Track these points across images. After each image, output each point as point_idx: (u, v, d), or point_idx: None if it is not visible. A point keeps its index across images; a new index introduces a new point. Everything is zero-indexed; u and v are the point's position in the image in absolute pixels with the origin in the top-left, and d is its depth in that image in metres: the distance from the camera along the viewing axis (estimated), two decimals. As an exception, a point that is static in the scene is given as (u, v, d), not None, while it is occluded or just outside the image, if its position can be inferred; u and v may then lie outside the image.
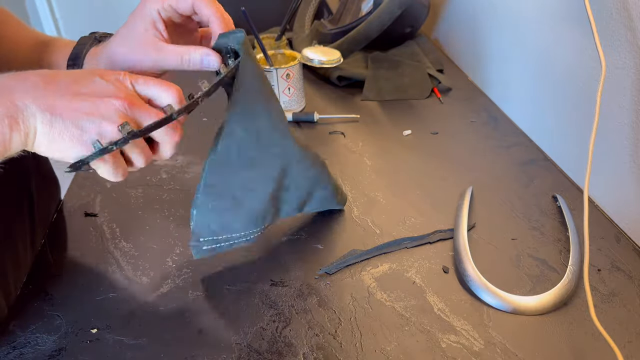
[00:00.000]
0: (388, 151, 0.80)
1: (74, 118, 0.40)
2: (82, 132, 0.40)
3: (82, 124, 0.40)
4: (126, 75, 0.44)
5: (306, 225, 0.65)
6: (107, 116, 0.41)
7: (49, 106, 0.39)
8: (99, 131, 0.41)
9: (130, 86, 0.44)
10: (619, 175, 0.62)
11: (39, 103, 0.39)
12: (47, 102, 0.39)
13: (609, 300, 0.53)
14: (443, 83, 0.99)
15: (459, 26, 1.11)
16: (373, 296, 0.54)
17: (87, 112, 0.40)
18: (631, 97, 0.59)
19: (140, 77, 0.44)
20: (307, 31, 1.19)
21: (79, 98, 0.40)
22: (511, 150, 0.79)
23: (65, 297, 0.55)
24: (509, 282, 0.55)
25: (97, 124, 0.41)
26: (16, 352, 0.49)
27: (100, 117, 0.41)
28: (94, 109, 0.40)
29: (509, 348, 0.48)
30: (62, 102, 0.40)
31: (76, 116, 0.40)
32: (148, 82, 0.44)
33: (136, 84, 0.44)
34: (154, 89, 0.44)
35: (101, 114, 0.41)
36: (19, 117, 0.39)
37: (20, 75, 0.41)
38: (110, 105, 0.41)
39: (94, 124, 0.40)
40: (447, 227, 0.63)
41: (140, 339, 0.50)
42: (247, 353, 0.48)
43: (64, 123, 0.40)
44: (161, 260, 0.60)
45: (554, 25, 0.74)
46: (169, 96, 0.44)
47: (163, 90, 0.44)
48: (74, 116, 0.40)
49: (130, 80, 0.44)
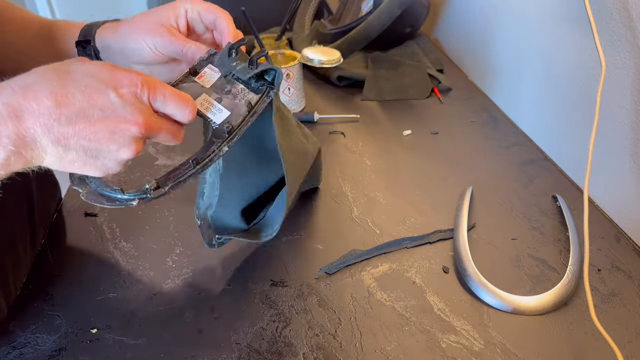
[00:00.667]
0: (388, 151, 0.80)
1: (88, 148, 0.39)
2: (96, 160, 0.40)
3: (97, 153, 0.39)
4: (144, 87, 0.41)
5: (306, 225, 0.65)
6: (123, 144, 0.40)
7: (61, 136, 0.38)
8: (116, 158, 0.40)
9: (147, 102, 0.42)
10: (619, 175, 0.62)
11: (50, 135, 0.37)
12: (59, 132, 0.37)
13: (609, 300, 0.53)
14: (443, 83, 0.99)
15: (459, 26, 1.11)
16: (373, 296, 0.54)
17: (103, 141, 0.39)
18: (631, 97, 0.59)
19: (159, 92, 0.42)
20: (307, 31, 1.19)
21: (93, 127, 0.38)
22: (511, 150, 0.79)
23: (65, 297, 0.55)
24: (509, 282, 0.55)
25: (113, 152, 0.40)
26: (16, 352, 0.49)
27: (116, 146, 0.40)
28: (110, 138, 0.39)
29: (509, 348, 0.48)
30: (75, 131, 0.38)
31: (90, 146, 0.39)
32: (166, 100, 0.42)
33: (154, 101, 0.42)
34: (172, 107, 0.43)
35: (117, 142, 0.40)
36: (27, 152, 0.37)
37: (30, 91, 0.37)
38: (127, 133, 0.40)
39: (109, 153, 0.40)
40: (447, 227, 0.63)
41: (140, 339, 0.50)
42: (247, 353, 0.48)
43: (77, 154, 0.39)
44: (161, 260, 0.60)
45: (554, 25, 0.74)
46: (185, 116, 0.44)
47: (180, 110, 0.43)
48: (88, 146, 0.39)
49: (148, 96, 0.41)
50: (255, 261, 0.59)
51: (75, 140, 0.38)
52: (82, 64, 0.40)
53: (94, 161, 0.40)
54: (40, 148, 0.38)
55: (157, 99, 0.42)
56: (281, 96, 0.90)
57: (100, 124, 0.39)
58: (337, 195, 0.70)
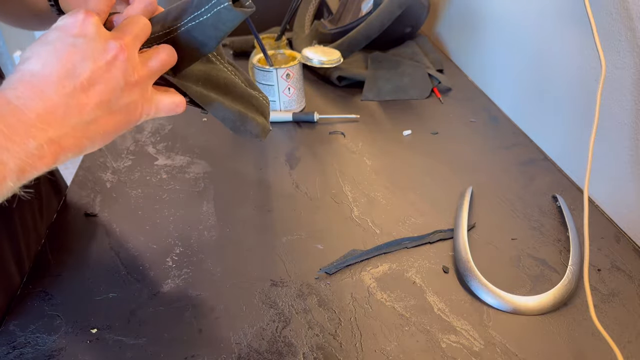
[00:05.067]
0: (388, 151, 0.80)
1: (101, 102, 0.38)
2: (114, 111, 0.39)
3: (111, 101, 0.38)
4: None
5: (306, 225, 0.65)
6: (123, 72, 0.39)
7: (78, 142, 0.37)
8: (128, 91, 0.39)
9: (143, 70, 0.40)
10: (619, 175, 0.62)
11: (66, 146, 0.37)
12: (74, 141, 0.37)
13: (609, 300, 0.53)
14: (443, 83, 0.99)
15: (459, 26, 1.11)
16: (373, 296, 0.54)
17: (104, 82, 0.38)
18: (631, 97, 0.59)
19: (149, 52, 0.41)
20: (307, 31, 1.19)
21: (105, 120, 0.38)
22: (511, 150, 0.79)
23: (65, 297, 0.55)
24: (509, 282, 0.55)
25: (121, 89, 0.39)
26: (16, 352, 0.49)
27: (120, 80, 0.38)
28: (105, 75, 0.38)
29: (509, 348, 0.48)
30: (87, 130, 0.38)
31: (106, 137, 0.39)
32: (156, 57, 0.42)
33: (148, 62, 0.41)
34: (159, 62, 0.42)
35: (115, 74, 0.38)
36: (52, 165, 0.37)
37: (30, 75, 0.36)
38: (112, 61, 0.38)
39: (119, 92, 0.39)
40: (447, 227, 0.63)
41: (140, 339, 0.50)
42: (247, 353, 0.48)
43: (93, 148, 0.39)
44: (161, 260, 0.60)
45: (554, 25, 0.74)
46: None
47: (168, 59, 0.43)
48: (104, 138, 0.39)
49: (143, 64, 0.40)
50: (255, 261, 0.59)
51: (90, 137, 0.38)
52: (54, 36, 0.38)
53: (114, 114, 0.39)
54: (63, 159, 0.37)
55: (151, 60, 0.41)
56: (281, 96, 0.90)
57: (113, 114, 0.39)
58: (337, 195, 0.70)
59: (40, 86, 0.36)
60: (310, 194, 0.70)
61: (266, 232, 0.64)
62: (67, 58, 0.37)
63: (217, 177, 0.75)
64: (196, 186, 0.73)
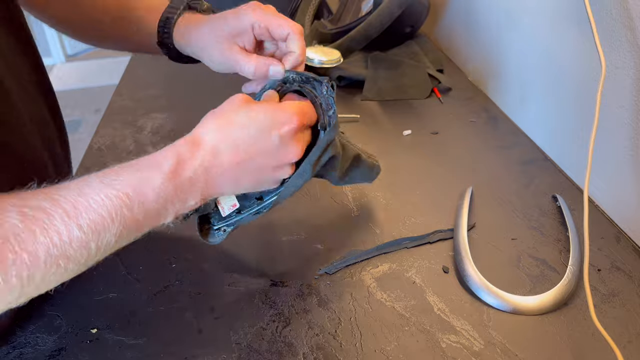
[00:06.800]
0: (388, 151, 0.80)
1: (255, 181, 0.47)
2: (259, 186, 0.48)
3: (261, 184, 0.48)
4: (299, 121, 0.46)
5: (306, 225, 0.65)
6: (282, 172, 0.48)
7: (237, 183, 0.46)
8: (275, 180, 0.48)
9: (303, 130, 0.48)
10: (619, 176, 0.62)
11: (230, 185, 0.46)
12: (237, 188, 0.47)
13: (609, 300, 0.53)
14: (443, 83, 0.99)
15: (459, 26, 1.11)
16: (373, 296, 0.54)
17: (267, 175, 0.47)
18: (631, 97, 0.59)
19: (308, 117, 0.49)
20: (307, 31, 1.19)
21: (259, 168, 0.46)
22: (511, 150, 0.79)
23: (65, 297, 0.55)
24: (509, 282, 0.55)
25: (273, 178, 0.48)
26: (16, 352, 0.49)
27: (278, 174, 0.48)
28: (272, 172, 0.47)
29: (509, 348, 0.48)
30: (246, 177, 0.46)
31: (257, 180, 0.47)
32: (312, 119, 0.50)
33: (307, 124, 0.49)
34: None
35: (278, 173, 0.47)
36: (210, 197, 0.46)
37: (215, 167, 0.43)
38: (286, 163, 0.47)
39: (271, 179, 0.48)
40: (447, 227, 0.63)
41: (140, 339, 0.50)
42: (247, 353, 0.48)
43: (246, 187, 0.47)
44: (161, 260, 0.60)
45: (554, 25, 0.74)
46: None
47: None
48: (256, 180, 0.47)
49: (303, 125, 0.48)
50: (255, 261, 0.59)
51: (246, 182, 0.46)
52: (241, 110, 0.45)
53: (258, 187, 0.48)
54: (220, 192, 0.46)
55: (310, 120, 0.49)
56: (281, 96, 0.90)
57: (265, 167, 0.46)
58: (337, 195, 0.70)
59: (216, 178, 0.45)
60: (310, 194, 0.70)
61: (266, 232, 0.64)
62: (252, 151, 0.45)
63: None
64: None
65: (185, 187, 0.42)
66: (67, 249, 0.35)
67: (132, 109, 0.94)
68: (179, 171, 0.41)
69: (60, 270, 0.36)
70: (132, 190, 0.39)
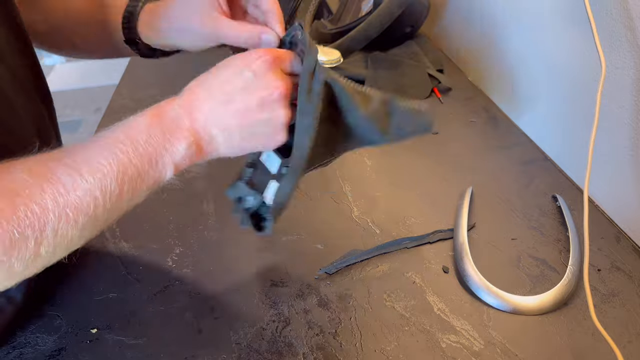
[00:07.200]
0: (388, 151, 0.80)
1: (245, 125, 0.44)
2: (255, 135, 0.45)
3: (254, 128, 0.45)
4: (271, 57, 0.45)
5: (306, 225, 0.65)
6: (272, 110, 0.44)
7: (223, 123, 0.44)
8: (273, 125, 0.45)
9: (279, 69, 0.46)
10: (619, 175, 0.62)
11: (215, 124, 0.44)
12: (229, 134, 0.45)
13: (609, 300, 0.53)
14: (443, 83, 0.99)
15: (459, 26, 1.11)
16: (373, 296, 0.54)
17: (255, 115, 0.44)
18: (631, 97, 0.58)
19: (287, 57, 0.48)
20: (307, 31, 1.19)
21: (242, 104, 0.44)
22: (511, 150, 0.79)
23: (65, 297, 0.55)
24: (509, 282, 0.55)
25: (267, 121, 0.45)
26: (16, 352, 0.49)
27: (267, 114, 0.45)
28: (259, 109, 0.44)
29: (509, 348, 0.48)
30: (231, 113, 0.44)
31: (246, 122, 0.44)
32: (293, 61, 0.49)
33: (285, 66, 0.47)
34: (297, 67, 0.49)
35: (266, 110, 0.44)
36: (202, 142, 0.44)
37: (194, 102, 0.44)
38: (271, 98, 0.44)
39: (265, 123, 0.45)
40: (447, 227, 0.63)
41: (140, 339, 0.50)
42: (247, 353, 0.48)
43: (240, 134, 0.45)
44: (161, 260, 0.60)
45: (554, 25, 0.74)
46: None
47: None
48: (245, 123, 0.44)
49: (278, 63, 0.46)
50: (255, 261, 0.59)
51: (236, 126, 0.44)
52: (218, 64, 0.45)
53: (255, 136, 0.45)
54: (211, 136, 0.44)
55: (286, 64, 0.47)
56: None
57: (249, 107, 0.44)
58: (337, 195, 0.70)
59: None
60: (310, 194, 0.70)
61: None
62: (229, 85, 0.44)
63: (217, 177, 0.75)
64: (196, 186, 0.73)
65: (171, 128, 0.43)
66: (73, 198, 0.37)
67: (132, 108, 0.92)
68: (161, 114, 0.44)
69: (70, 222, 0.38)
70: (124, 135, 0.42)
